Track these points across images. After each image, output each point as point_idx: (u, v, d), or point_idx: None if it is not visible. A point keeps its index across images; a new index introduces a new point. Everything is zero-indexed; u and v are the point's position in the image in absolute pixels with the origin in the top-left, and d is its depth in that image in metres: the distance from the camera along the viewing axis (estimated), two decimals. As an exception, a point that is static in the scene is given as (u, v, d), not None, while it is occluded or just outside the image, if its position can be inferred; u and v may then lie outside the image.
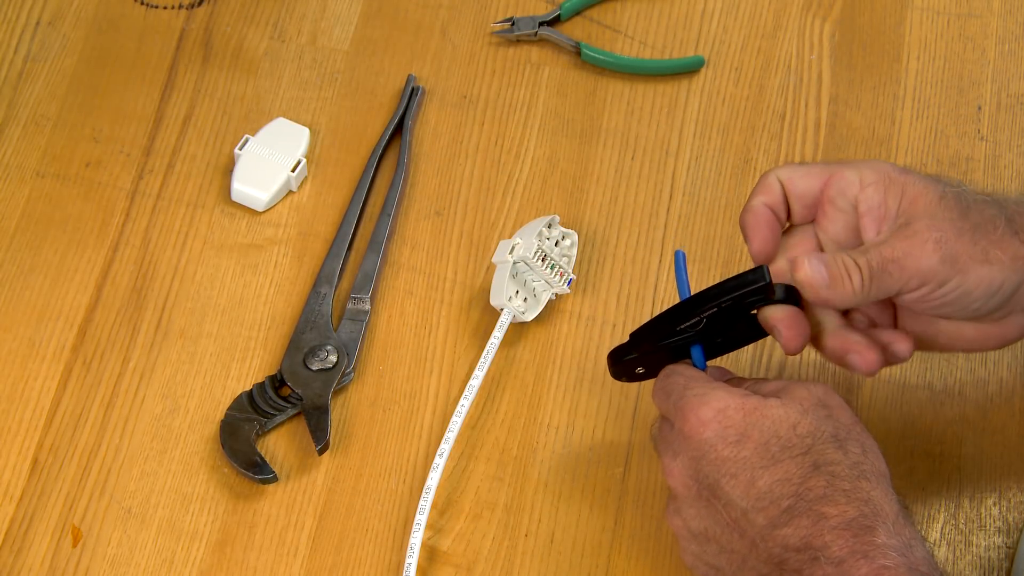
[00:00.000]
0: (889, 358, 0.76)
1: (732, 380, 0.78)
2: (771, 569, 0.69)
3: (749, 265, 0.77)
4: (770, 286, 0.75)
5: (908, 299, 0.74)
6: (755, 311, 0.77)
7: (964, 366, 0.90)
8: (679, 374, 0.76)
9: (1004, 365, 0.90)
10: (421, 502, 0.84)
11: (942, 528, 0.86)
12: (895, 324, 0.79)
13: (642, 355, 0.79)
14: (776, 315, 0.75)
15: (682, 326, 0.76)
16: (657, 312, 0.87)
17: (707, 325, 0.77)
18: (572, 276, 0.91)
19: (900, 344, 0.76)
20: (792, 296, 0.76)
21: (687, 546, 0.75)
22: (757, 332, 0.79)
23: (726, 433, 0.70)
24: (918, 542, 0.68)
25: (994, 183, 0.96)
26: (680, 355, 0.79)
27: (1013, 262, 0.73)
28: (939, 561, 0.84)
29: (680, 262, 0.79)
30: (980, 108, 0.99)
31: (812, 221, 0.78)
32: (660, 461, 0.75)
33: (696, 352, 0.78)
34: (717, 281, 0.75)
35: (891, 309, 0.79)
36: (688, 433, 0.71)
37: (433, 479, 0.84)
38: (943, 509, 0.86)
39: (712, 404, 0.71)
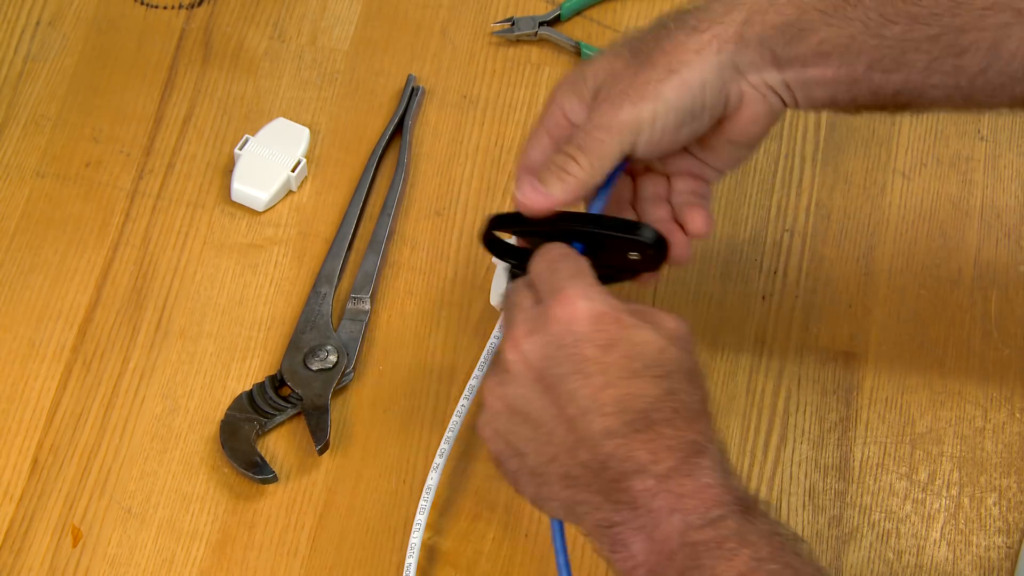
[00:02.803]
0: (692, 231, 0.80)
1: None
2: (584, 472, 0.69)
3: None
4: (656, 246, 0.75)
5: (645, 148, 0.75)
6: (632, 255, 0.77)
7: (964, 366, 0.90)
8: (571, 259, 0.74)
9: (1004, 365, 0.90)
10: (421, 502, 0.84)
11: (942, 528, 0.86)
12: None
13: (524, 233, 0.78)
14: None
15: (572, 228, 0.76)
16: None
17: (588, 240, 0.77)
18: (572, 276, 0.91)
19: (695, 218, 0.80)
20: (660, 244, 0.76)
21: (494, 419, 0.73)
22: (626, 269, 0.79)
23: (596, 336, 0.70)
24: (735, 476, 0.69)
25: (994, 183, 0.96)
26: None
27: (697, 56, 0.75)
28: (938, 561, 0.84)
29: (616, 172, 0.77)
30: (980, 108, 0.99)
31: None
32: (506, 328, 0.73)
33: (577, 248, 0.77)
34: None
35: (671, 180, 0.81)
36: (558, 317, 0.70)
37: (433, 479, 0.84)
38: (943, 509, 0.86)
39: (595, 303, 0.70)
